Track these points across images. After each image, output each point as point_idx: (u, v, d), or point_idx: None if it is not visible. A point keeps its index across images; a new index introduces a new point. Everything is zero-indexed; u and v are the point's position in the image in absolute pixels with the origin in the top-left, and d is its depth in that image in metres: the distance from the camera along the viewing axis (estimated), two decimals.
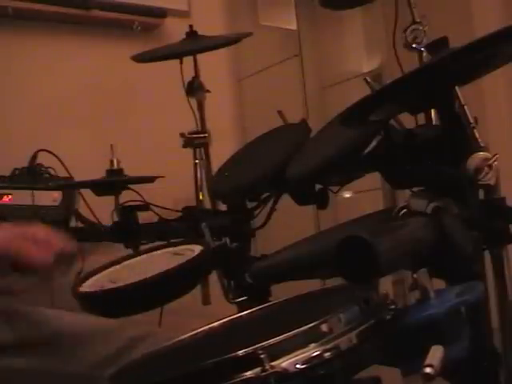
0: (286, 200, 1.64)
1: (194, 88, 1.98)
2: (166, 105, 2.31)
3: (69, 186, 1.82)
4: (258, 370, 0.63)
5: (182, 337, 0.90)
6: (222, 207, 1.85)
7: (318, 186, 1.56)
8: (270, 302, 1.00)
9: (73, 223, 1.81)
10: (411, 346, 0.74)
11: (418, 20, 1.36)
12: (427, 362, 0.68)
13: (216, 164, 1.90)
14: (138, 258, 1.60)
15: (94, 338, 1.00)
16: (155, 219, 1.82)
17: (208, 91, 2.02)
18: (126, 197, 1.84)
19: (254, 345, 0.64)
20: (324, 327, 0.67)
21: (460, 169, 0.90)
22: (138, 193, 1.84)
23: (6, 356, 0.93)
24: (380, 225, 0.99)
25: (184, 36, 1.97)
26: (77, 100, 2.24)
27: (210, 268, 1.51)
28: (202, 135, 1.93)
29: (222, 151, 1.91)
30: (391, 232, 0.82)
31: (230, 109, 2.71)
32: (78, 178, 1.95)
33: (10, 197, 1.73)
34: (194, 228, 1.58)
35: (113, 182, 1.87)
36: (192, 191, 1.96)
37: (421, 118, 1.18)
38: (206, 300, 1.67)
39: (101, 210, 1.89)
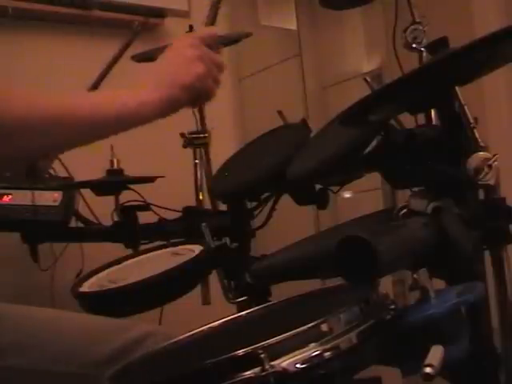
0: (286, 200, 1.64)
1: None
2: None
3: (69, 186, 1.82)
4: (257, 369, 0.63)
5: (182, 337, 0.90)
6: (222, 207, 1.85)
7: (318, 186, 1.56)
8: (269, 301, 1.00)
9: (73, 223, 1.81)
10: (411, 346, 0.74)
11: (418, 20, 1.36)
12: (427, 361, 0.69)
13: (216, 164, 1.90)
14: (138, 258, 1.60)
15: (94, 338, 1.00)
16: (155, 219, 1.82)
17: None
18: (126, 197, 1.84)
19: (254, 344, 0.64)
20: (324, 327, 0.68)
21: (460, 169, 0.90)
22: (138, 193, 1.84)
23: (6, 356, 0.93)
24: (380, 225, 0.99)
25: None
26: None
27: (210, 268, 1.51)
28: (201, 135, 1.92)
29: (222, 151, 1.91)
30: (391, 232, 0.82)
31: (230, 109, 2.70)
32: (78, 178, 1.95)
33: (9, 197, 1.73)
34: (193, 228, 1.58)
35: (113, 182, 1.87)
36: (192, 191, 1.95)
37: (421, 118, 1.18)
38: (206, 300, 1.66)
39: (101, 210, 1.89)
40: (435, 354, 0.69)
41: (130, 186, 1.85)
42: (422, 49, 1.33)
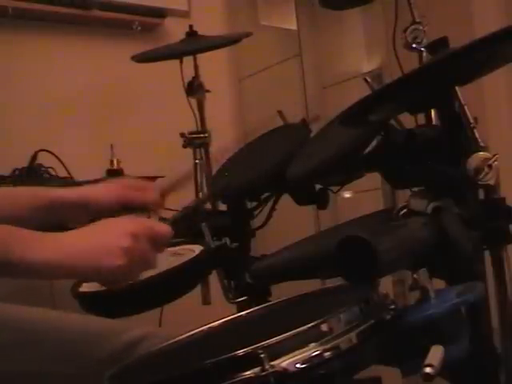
0: (286, 200, 1.64)
1: (194, 88, 1.98)
2: (166, 105, 2.31)
3: (69, 186, 1.82)
4: (257, 369, 0.63)
5: (182, 337, 0.90)
6: (222, 207, 1.85)
7: (318, 186, 1.56)
8: (269, 301, 1.00)
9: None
10: (411, 346, 0.74)
11: (418, 20, 1.36)
12: (427, 361, 0.68)
13: (216, 164, 1.90)
14: None
15: (93, 339, 1.00)
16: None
17: (208, 91, 2.02)
18: None
19: (254, 344, 0.64)
20: (324, 327, 0.67)
21: (460, 169, 0.90)
22: None
23: (7, 358, 0.93)
24: (380, 225, 0.99)
25: (184, 36, 1.97)
26: (77, 100, 2.24)
27: (210, 268, 1.51)
28: (201, 135, 1.92)
29: None
30: (391, 232, 0.82)
31: (230, 109, 2.71)
32: (77, 177, 1.95)
33: None
34: (193, 228, 1.58)
35: None
36: (192, 191, 1.96)
37: (421, 118, 1.18)
38: (205, 300, 1.66)
39: None
40: (435, 354, 0.69)
41: None
42: (422, 49, 1.33)
